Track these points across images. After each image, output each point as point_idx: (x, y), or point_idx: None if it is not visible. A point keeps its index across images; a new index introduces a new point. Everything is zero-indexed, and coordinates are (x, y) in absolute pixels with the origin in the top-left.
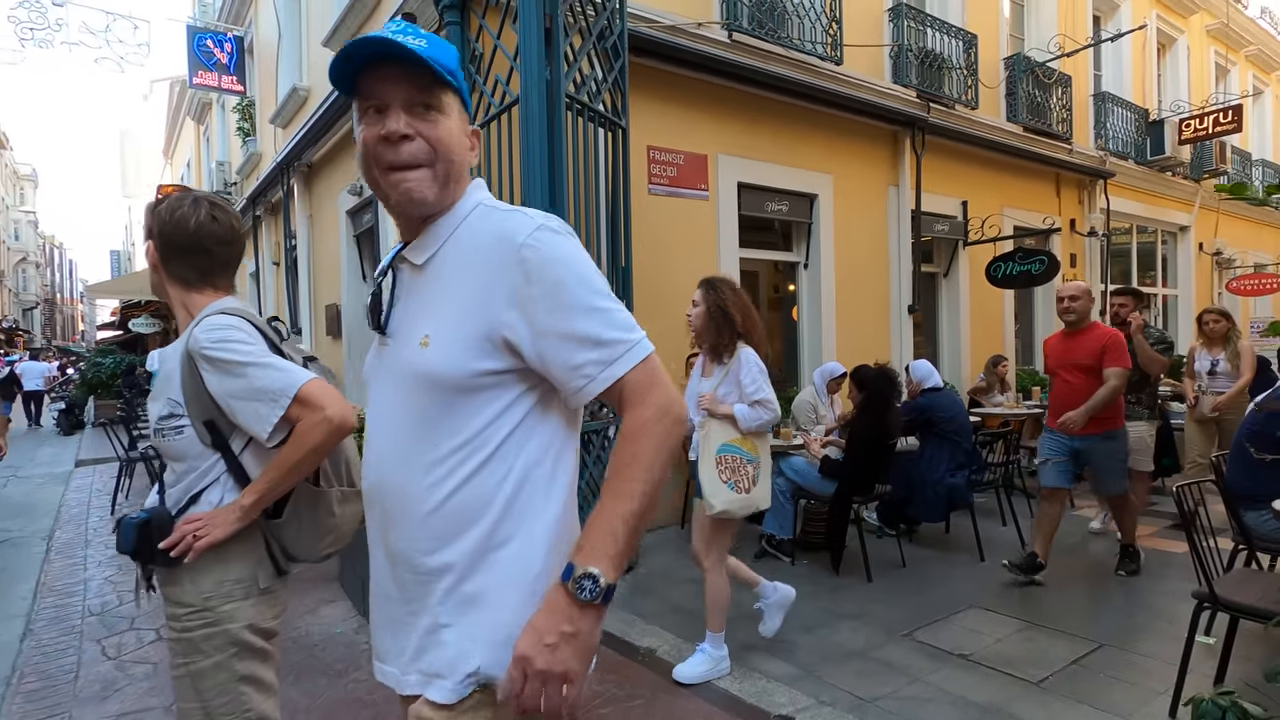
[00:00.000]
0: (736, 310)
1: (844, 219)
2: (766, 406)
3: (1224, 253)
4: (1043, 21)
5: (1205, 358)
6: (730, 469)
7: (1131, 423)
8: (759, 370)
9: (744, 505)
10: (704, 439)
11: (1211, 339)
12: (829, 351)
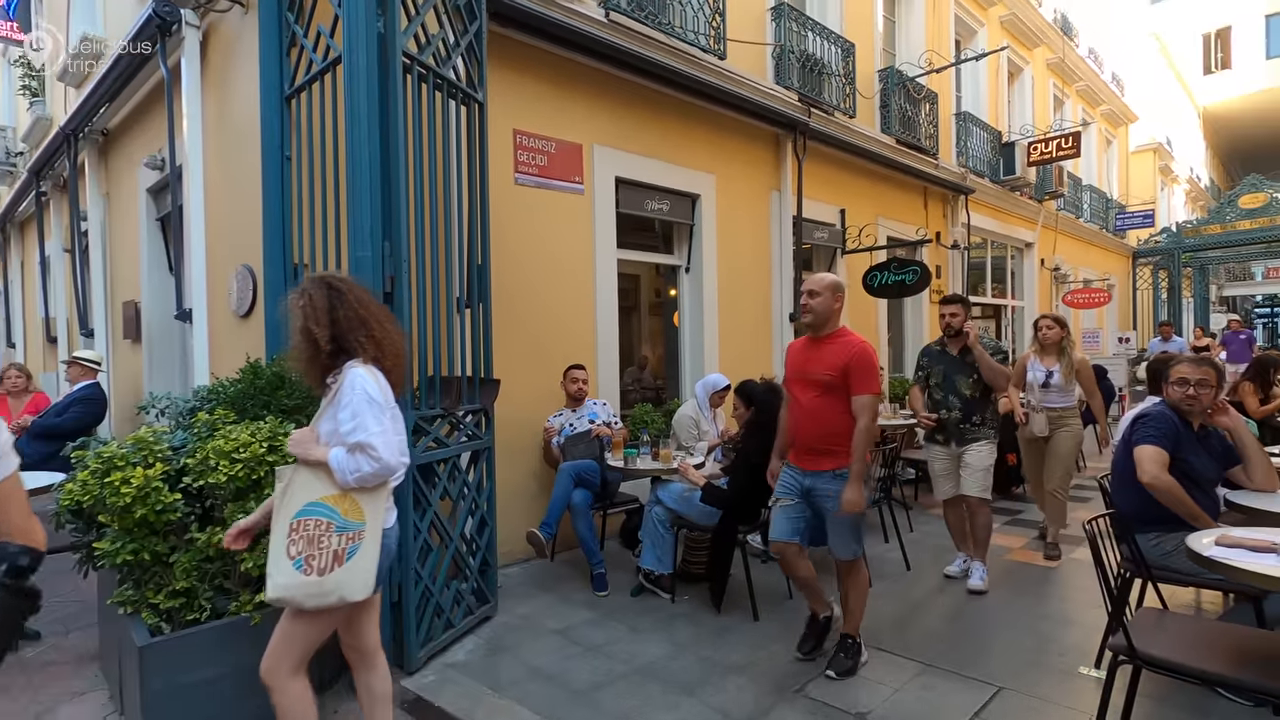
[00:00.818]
0: (348, 314)
1: (727, 222)
2: (370, 453)
3: (1061, 268)
4: (912, 38)
5: (1039, 368)
6: (306, 539)
7: (975, 444)
8: (366, 401)
9: (315, 593)
10: (282, 494)
11: (1045, 347)
12: (711, 361)
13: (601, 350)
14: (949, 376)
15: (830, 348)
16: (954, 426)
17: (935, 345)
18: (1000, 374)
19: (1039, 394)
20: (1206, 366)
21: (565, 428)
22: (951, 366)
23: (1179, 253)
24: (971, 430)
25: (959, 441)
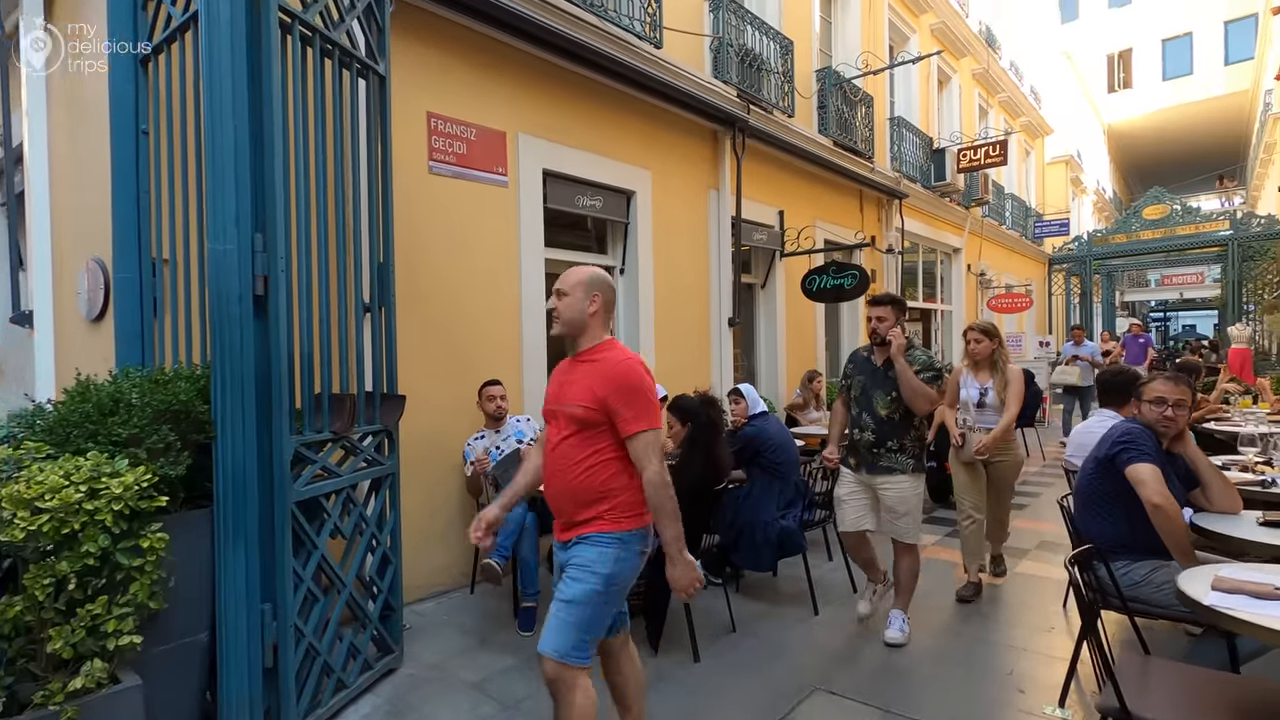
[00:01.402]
0: None
1: (664, 221)
2: None
3: (986, 274)
4: (848, 40)
5: (972, 385)
6: None
7: (891, 477)
8: None
9: None
10: None
11: (976, 362)
12: (649, 369)
13: (528, 358)
14: (867, 391)
15: (584, 369)
16: (865, 450)
17: (863, 351)
18: (921, 395)
19: (974, 414)
20: (1184, 386)
21: (492, 452)
22: (872, 379)
23: (1090, 260)
24: (886, 457)
25: (870, 469)
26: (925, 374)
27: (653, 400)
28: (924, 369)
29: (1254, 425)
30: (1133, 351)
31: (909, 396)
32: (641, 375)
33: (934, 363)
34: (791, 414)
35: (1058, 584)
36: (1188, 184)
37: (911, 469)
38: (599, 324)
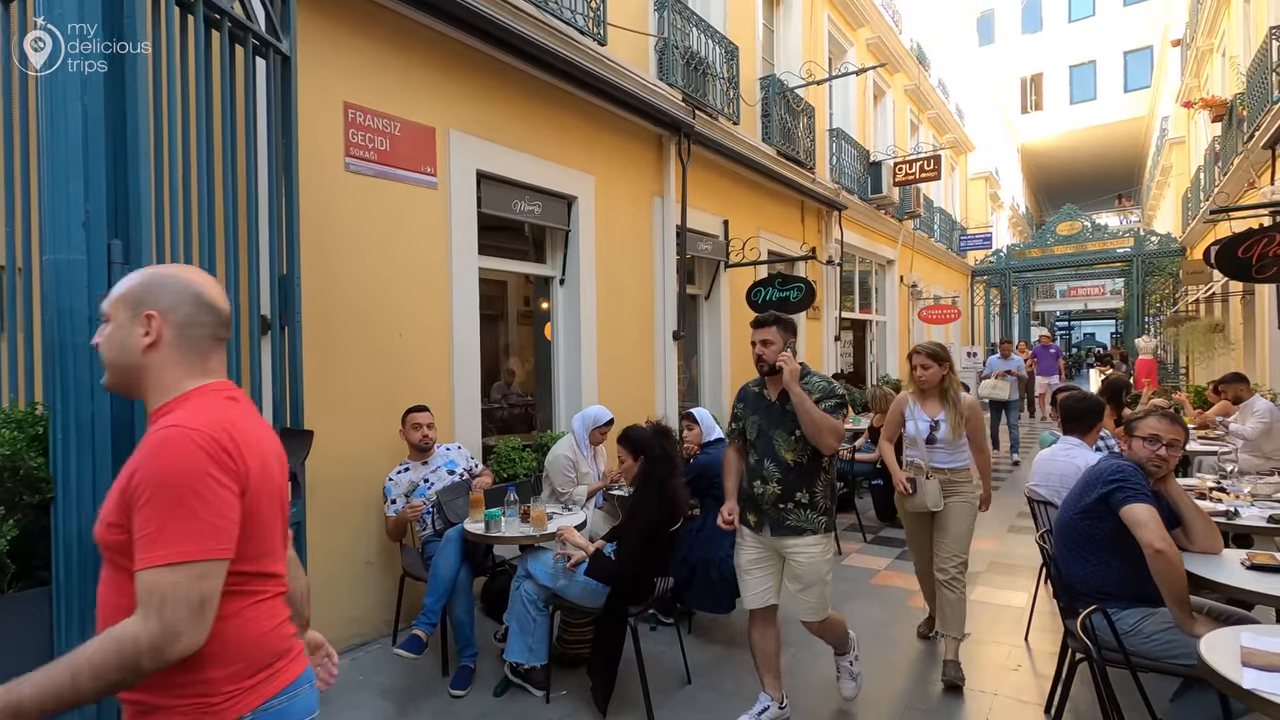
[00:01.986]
0: None
1: (607, 228)
2: None
3: (917, 285)
4: (790, 49)
5: (920, 417)
6: None
7: (801, 539)
8: None
9: None
10: None
11: (924, 390)
12: (589, 385)
13: (461, 379)
14: (765, 433)
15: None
16: (770, 506)
17: (753, 386)
18: (826, 429)
19: (924, 452)
20: (1180, 425)
21: (420, 487)
22: (769, 417)
23: (1010, 273)
24: (795, 513)
25: (776, 528)
26: (827, 403)
27: (196, 508)
28: (824, 397)
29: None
30: (1044, 361)
31: (812, 433)
32: (183, 457)
33: (834, 388)
34: None
35: (1015, 611)
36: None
37: (824, 527)
38: (170, 364)
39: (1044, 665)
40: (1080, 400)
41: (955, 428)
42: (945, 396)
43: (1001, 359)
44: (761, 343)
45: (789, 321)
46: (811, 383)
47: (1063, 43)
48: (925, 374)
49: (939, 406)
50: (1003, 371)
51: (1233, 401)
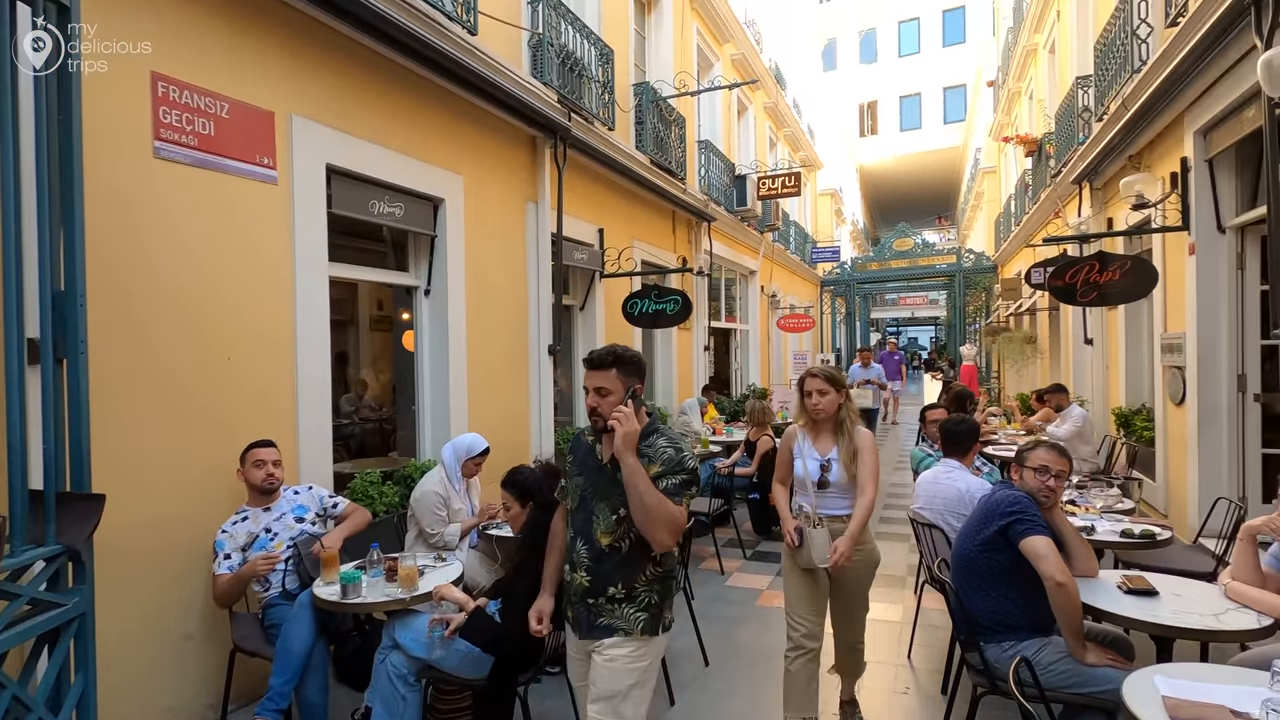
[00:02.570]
0: None
1: (478, 234)
2: None
3: (777, 295)
4: (661, 57)
5: (810, 455)
6: None
7: (610, 640)
8: None
9: None
10: None
11: (816, 422)
12: (459, 406)
13: (307, 407)
14: (587, 503)
15: None
16: (578, 599)
17: (588, 434)
18: (658, 519)
19: (813, 496)
20: (1065, 457)
21: (260, 539)
22: (596, 483)
23: (853, 283)
24: (606, 610)
25: (585, 628)
26: (670, 480)
27: None
28: (669, 470)
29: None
30: (889, 366)
31: (641, 520)
32: None
33: (684, 459)
34: None
35: (893, 626)
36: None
37: (641, 628)
38: None
39: (931, 685)
40: (959, 424)
41: (849, 465)
42: (840, 429)
43: (862, 367)
44: (596, 390)
45: (633, 362)
46: (654, 448)
47: (894, 75)
48: (821, 401)
49: (832, 442)
50: (864, 380)
51: (1054, 409)
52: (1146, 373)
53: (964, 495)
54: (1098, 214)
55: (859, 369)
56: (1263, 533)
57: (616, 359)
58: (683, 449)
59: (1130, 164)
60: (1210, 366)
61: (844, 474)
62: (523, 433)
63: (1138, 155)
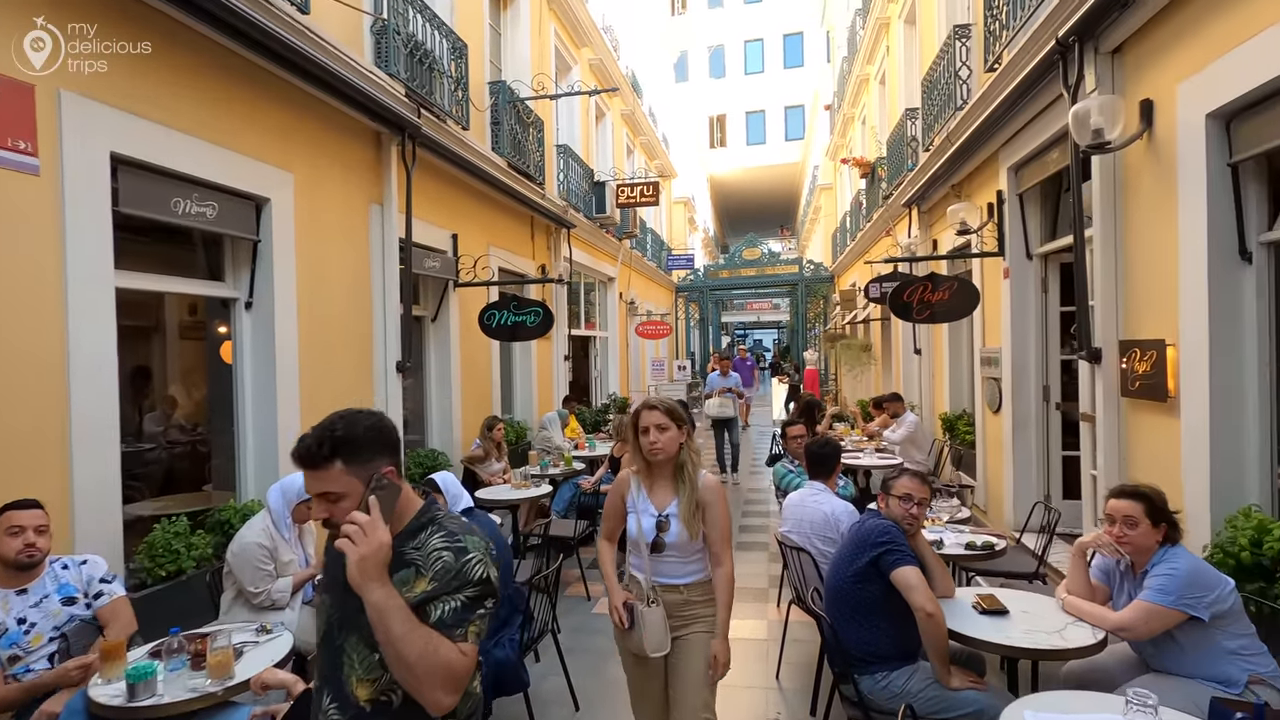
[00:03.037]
0: None
1: (312, 239)
2: None
3: (635, 302)
4: (518, 56)
5: (645, 508)
6: None
7: None
8: None
9: None
10: None
11: (654, 466)
12: (290, 434)
13: (84, 450)
14: (334, 635)
15: None
16: None
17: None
18: (428, 673)
19: (647, 562)
20: (927, 485)
21: (10, 632)
22: (344, 605)
23: (707, 290)
24: None
25: None
26: (448, 602)
27: None
28: (446, 586)
29: (868, 456)
30: (742, 373)
31: (399, 674)
32: None
33: (468, 565)
34: (470, 467)
35: (758, 645)
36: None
37: None
38: None
39: (801, 707)
40: (823, 446)
41: (691, 521)
42: (681, 475)
43: (721, 375)
44: (320, 498)
45: (366, 438)
46: (426, 552)
47: (741, 91)
48: (660, 440)
49: (671, 492)
50: (724, 389)
51: (890, 416)
52: (967, 382)
53: (829, 518)
54: (925, 235)
55: (718, 377)
56: (1091, 548)
57: (337, 446)
58: (469, 548)
59: (953, 192)
60: (1022, 379)
61: (684, 532)
62: None
63: (960, 185)
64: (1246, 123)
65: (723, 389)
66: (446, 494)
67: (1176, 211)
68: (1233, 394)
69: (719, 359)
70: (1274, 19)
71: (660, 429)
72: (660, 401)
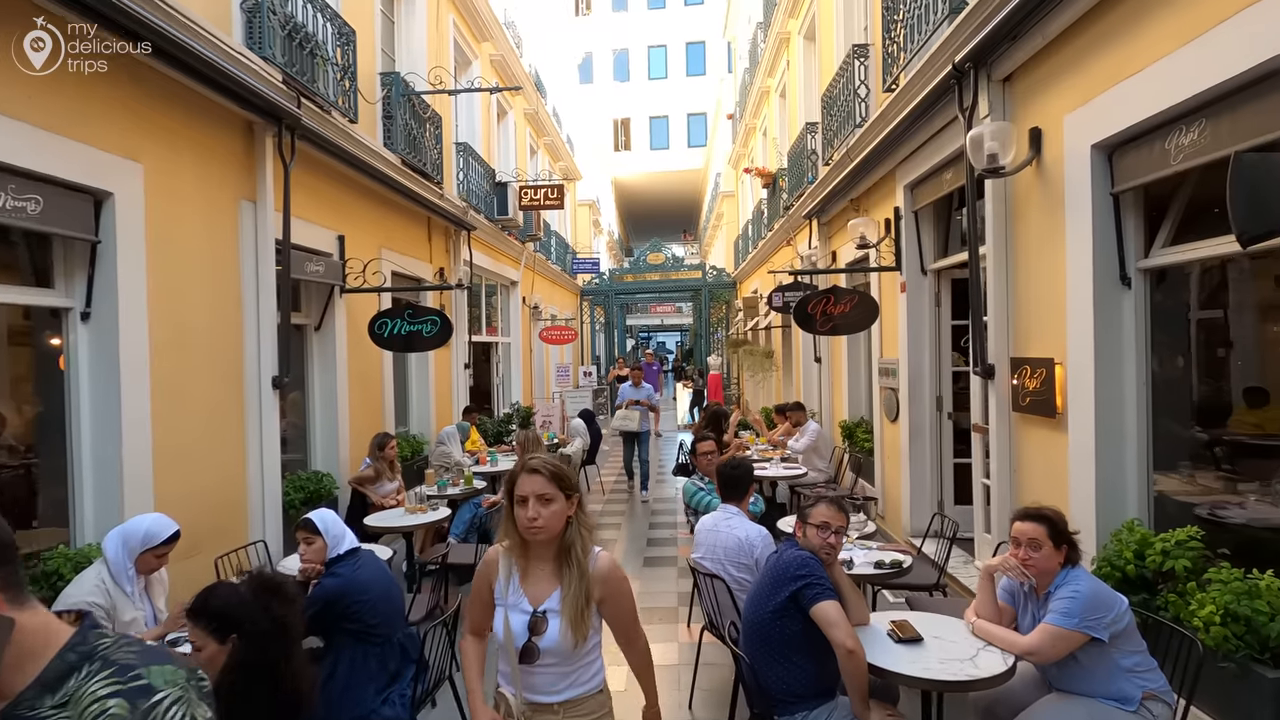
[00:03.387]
0: None
1: (166, 239)
2: None
3: (539, 306)
4: (414, 46)
5: (518, 602)
6: None
7: None
8: None
9: None
10: None
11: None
12: (138, 467)
13: None
14: None
15: None
16: None
17: None
18: None
19: (516, 671)
20: (844, 513)
21: None
22: None
23: (612, 294)
24: None
25: None
26: None
27: None
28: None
29: (774, 467)
30: (649, 377)
31: None
32: None
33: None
34: (360, 489)
35: (669, 671)
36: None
37: None
38: None
39: None
40: (735, 468)
41: (577, 623)
42: (568, 559)
43: (633, 386)
44: None
45: None
46: (74, 708)
47: (645, 96)
48: (542, 515)
49: (553, 579)
50: (633, 400)
51: (794, 425)
52: (865, 390)
53: (743, 543)
54: (824, 247)
55: (630, 389)
56: (998, 571)
57: None
58: (156, 686)
59: (852, 206)
60: (918, 389)
61: (568, 636)
62: (237, 494)
63: (858, 199)
64: (1127, 155)
65: (631, 401)
66: (326, 535)
67: (1064, 236)
68: (1114, 412)
69: (632, 370)
70: (1152, 58)
71: (543, 500)
72: (544, 465)
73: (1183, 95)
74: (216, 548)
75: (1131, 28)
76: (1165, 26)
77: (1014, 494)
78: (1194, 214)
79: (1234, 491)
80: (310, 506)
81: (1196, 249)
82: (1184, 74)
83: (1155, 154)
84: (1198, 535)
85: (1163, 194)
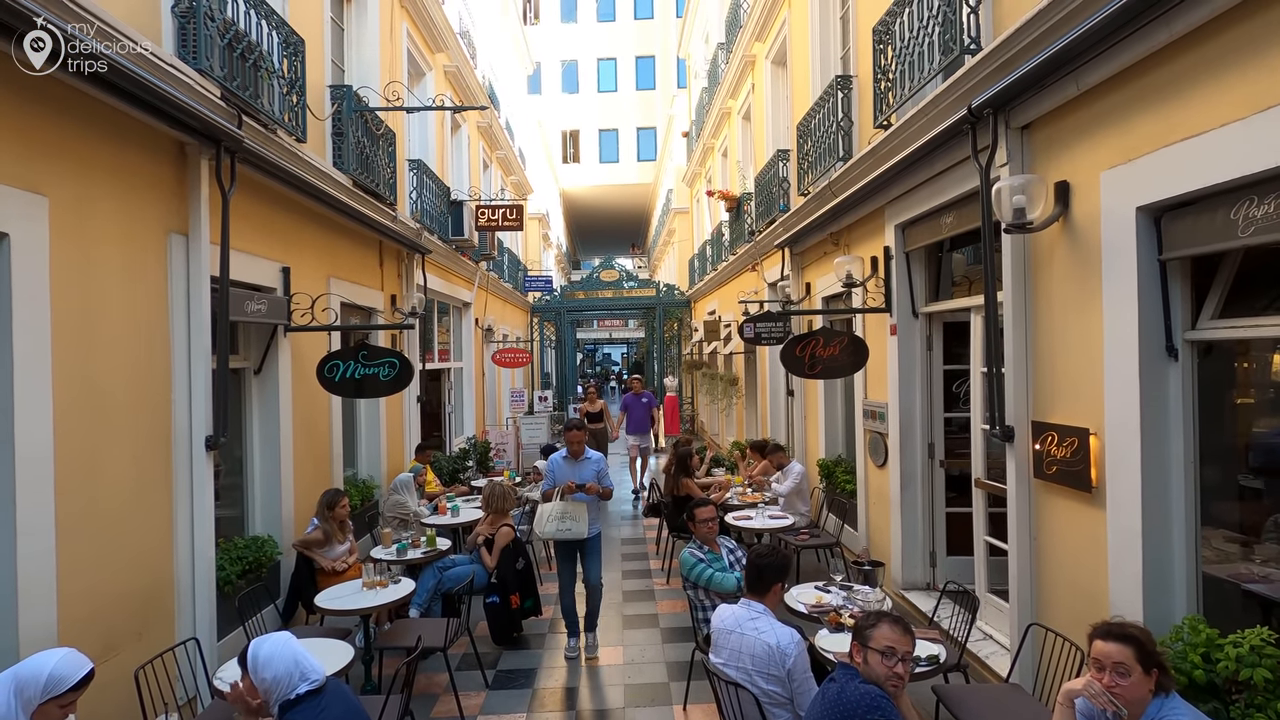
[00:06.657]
0: None
1: (76, 282)
2: None
3: (492, 328)
4: (365, 58)
5: None
6: None
7: None
8: None
9: None
10: None
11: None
12: (37, 574)
13: None
14: None
15: None
16: None
17: None
18: None
19: None
20: (910, 635)
21: None
22: None
23: (564, 311)
24: None
25: None
26: None
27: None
28: None
29: (760, 517)
30: (635, 416)
31: None
32: None
33: None
34: (306, 553)
35: None
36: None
37: None
38: None
39: None
40: (767, 556)
41: None
42: None
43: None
44: None
45: None
46: None
47: (594, 108)
48: None
49: None
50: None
51: (775, 467)
52: (842, 428)
53: (774, 651)
54: (797, 277)
55: (564, 464)
56: (1081, 695)
57: None
58: None
59: (831, 239)
60: (909, 435)
61: None
62: (163, 581)
63: (839, 233)
64: (1181, 220)
65: (572, 486)
66: (268, 676)
67: (1100, 300)
68: (1160, 494)
69: (568, 431)
70: (1214, 123)
71: None
72: None
73: (1261, 165)
74: (137, 652)
75: (1194, 85)
76: (1236, 92)
77: (1035, 563)
78: (1245, 281)
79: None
80: (247, 580)
81: (1257, 326)
82: (1263, 141)
83: (1218, 223)
84: (1272, 639)
85: (1210, 259)
